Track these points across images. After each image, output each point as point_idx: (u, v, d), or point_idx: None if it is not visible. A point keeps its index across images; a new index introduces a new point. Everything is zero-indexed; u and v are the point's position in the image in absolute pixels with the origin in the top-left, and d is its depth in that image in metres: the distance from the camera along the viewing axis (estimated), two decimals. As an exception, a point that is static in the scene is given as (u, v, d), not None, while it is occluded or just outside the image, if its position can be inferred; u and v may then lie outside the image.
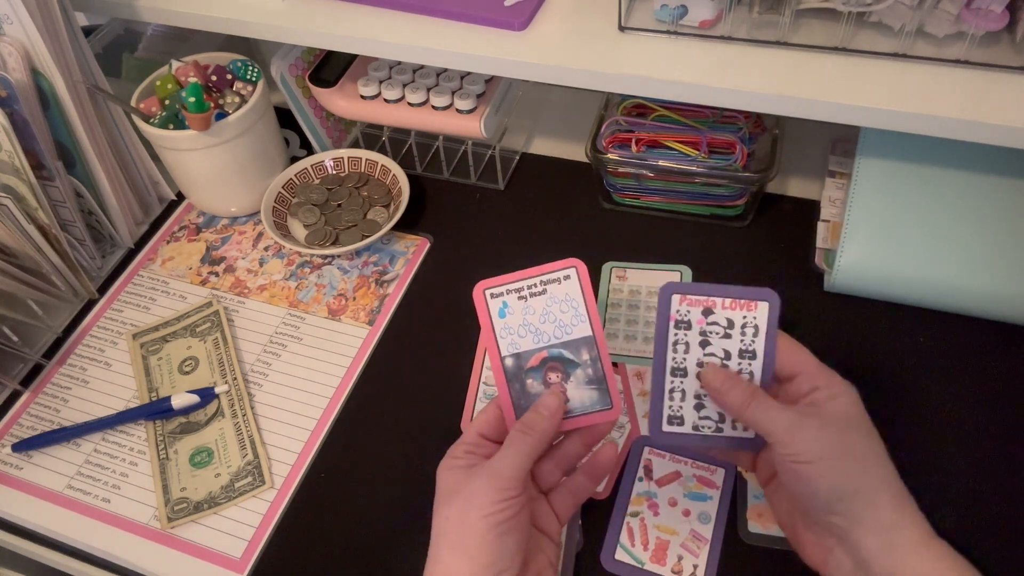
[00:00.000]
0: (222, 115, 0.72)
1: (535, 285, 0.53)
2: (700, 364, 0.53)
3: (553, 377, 0.52)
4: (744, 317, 0.52)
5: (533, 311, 0.53)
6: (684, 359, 0.53)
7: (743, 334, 0.52)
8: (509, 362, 0.52)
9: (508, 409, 0.52)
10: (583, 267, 0.53)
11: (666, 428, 0.52)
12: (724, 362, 0.52)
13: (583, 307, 0.53)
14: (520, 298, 0.53)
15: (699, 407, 0.53)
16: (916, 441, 0.60)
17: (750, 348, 0.52)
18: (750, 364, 0.52)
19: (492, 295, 0.54)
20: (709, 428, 0.52)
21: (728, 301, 0.53)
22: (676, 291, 0.53)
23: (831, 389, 0.49)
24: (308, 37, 0.69)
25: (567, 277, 0.53)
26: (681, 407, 0.52)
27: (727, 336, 0.52)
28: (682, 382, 0.53)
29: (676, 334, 0.53)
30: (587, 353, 0.52)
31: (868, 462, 0.47)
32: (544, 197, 0.81)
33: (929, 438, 0.60)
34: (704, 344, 0.53)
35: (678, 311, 0.53)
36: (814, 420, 0.48)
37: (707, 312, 0.53)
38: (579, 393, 0.52)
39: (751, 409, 0.49)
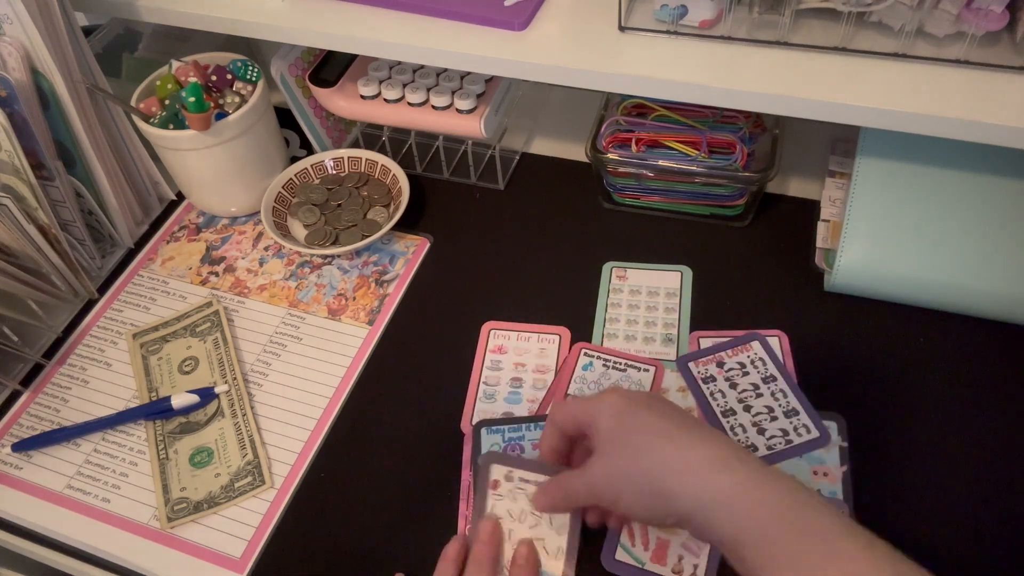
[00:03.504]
0: (222, 115, 0.72)
1: (620, 363, 0.65)
2: (740, 400, 0.61)
3: None
4: (748, 356, 0.64)
5: (609, 378, 0.64)
6: (726, 401, 0.62)
7: (755, 367, 0.63)
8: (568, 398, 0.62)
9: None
10: (662, 368, 0.65)
11: None
12: (757, 391, 0.62)
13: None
14: (604, 365, 0.65)
15: (761, 431, 0.60)
16: (916, 441, 0.60)
17: (769, 374, 0.63)
18: (777, 384, 0.62)
19: (585, 353, 0.66)
20: (780, 444, 0.59)
21: (730, 351, 0.65)
22: (688, 360, 0.65)
23: (588, 428, 0.49)
24: (308, 37, 0.69)
25: (646, 370, 0.65)
26: (748, 438, 0.60)
27: (746, 373, 0.63)
28: (736, 418, 0.61)
29: (708, 387, 0.63)
30: None
31: (635, 477, 0.46)
32: (544, 197, 0.81)
33: (929, 438, 0.60)
34: (733, 385, 0.63)
35: (699, 372, 0.64)
36: (586, 472, 0.49)
37: (720, 364, 0.64)
38: None
39: (562, 501, 0.52)
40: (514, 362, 0.67)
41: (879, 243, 0.65)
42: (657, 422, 0.46)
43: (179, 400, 0.66)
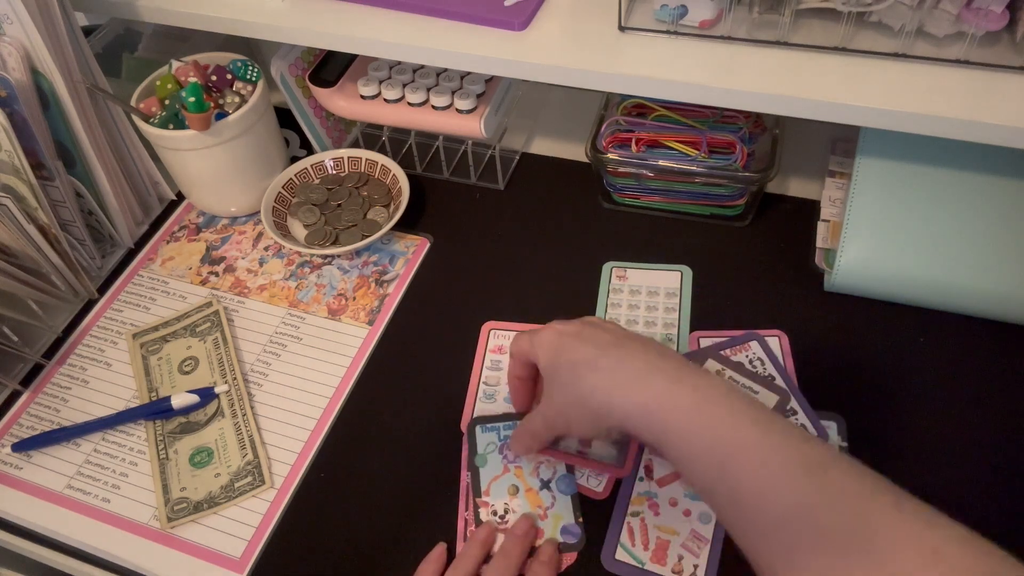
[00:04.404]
0: (222, 115, 0.72)
1: None
2: None
3: None
4: (747, 356, 0.64)
5: None
6: None
7: (754, 367, 0.64)
8: None
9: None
10: None
11: None
12: (755, 392, 0.61)
13: None
14: None
15: None
16: (915, 441, 0.60)
17: (767, 374, 0.63)
18: (776, 384, 0.62)
19: None
20: None
21: (729, 351, 0.64)
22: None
23: (536, 363, 0.54)
24: (308, 37, 0.69)
25: None
26: None
27: (745, 373, 0.63)
28: None
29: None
30: None
31: (575, 403, 0.50)
32: (544, 197, 0.81)
33: (928, 438, 0.60)
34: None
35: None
36: (540, 408, 0.54)
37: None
38: (602, 445, 0.60)
39: (532, 440, 0.57)
40: (514, 362, 0.67)
41: (879, 243, 0.65)
42: (584, 350, 0.50)
43: (179, 400, 0.66)
